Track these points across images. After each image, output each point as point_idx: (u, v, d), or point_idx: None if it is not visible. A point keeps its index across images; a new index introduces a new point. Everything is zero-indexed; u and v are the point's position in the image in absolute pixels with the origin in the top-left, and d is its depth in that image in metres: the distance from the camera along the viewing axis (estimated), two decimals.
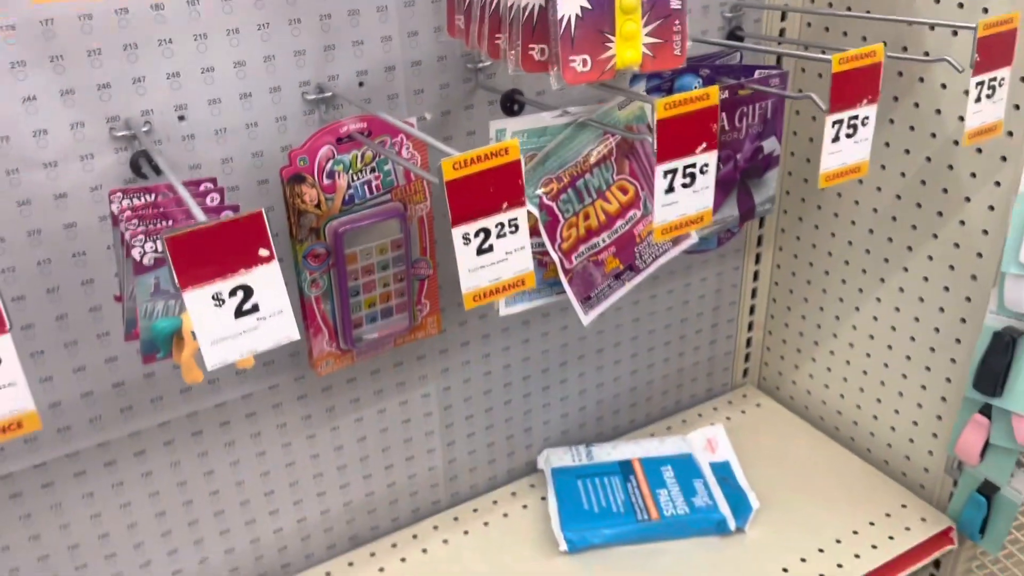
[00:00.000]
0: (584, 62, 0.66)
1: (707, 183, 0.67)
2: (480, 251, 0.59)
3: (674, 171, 0.65)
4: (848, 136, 0.73)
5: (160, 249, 0.51)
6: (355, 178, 0.80)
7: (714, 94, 0.64)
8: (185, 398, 0.89)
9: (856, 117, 0.73)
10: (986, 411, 0.96)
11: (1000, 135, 0.84)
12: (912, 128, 1.00)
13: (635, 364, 1.22)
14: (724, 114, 0.84)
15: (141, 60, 0.74)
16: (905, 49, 0.97)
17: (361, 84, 0.85)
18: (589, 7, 0.64)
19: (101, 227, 0.77)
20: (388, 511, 1.10)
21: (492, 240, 0.59)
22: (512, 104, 0.87)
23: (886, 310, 1.11)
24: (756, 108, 0.86)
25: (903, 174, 1.03)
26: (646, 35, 0.67)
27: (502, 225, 0.59)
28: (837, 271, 1.16)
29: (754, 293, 1.28)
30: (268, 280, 0.51)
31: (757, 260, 1.26)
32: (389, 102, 0.88)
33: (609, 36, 0.66)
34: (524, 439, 1.17)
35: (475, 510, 1.13)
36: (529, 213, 0.78)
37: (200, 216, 0.50)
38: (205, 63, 0.77)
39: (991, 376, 0.92)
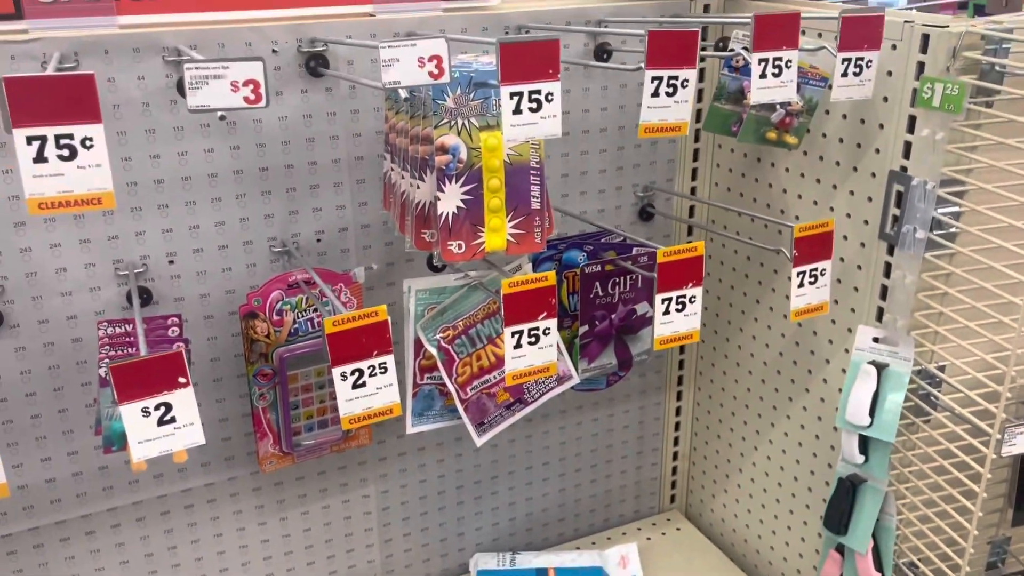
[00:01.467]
0: (460, 246, 0.86)
1: (550, 342, 0.87)
2: (355, 386, 0.79)
3: (520, 332, 0.85)
4: (678, 311, 0.92)
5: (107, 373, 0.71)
6: (300, 316, 1.01)
7: (551, 277, 0.84)
8: (157, 482, 1.09)
9: (684, 296, 0.91)
10: (840, 548, 1.10)
11: (826, 311, 1.02)
12: (786, 297, 1.18)
13: (563, 483, 1.38)
14: (598, 283, 1.04)
15: (144, 219, 0.98)
16: (780, 232, 1.16)
17: (319, 240, 1.08)
18: (464, 207, 0.86)
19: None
20: None
21: (365, 378, 0.79)
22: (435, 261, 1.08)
23: (776, 451, 1.26)
24: (628, 278, 1.05)
25: (783, 335, 1.20)
26: (511, 227, 0.88)
27: (373, 367, 0.79)
28: (740, 414, 1.32)
29: (678, 426, 1.44)
30: (184, 400, 0.72)
31: (679, 397, 1.42)
32: (342, 255, 1.10)
33: (480, 228, 0.87)
34: (457, 542, 1.34)
35: None
36: (429, 352, 0.98)
37: (143, 351, 0.72)
38: (193, 222, 1.00)
39: (837, 517, 1.06)
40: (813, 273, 0.98)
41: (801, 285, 0.97)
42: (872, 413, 0.99)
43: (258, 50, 0.97)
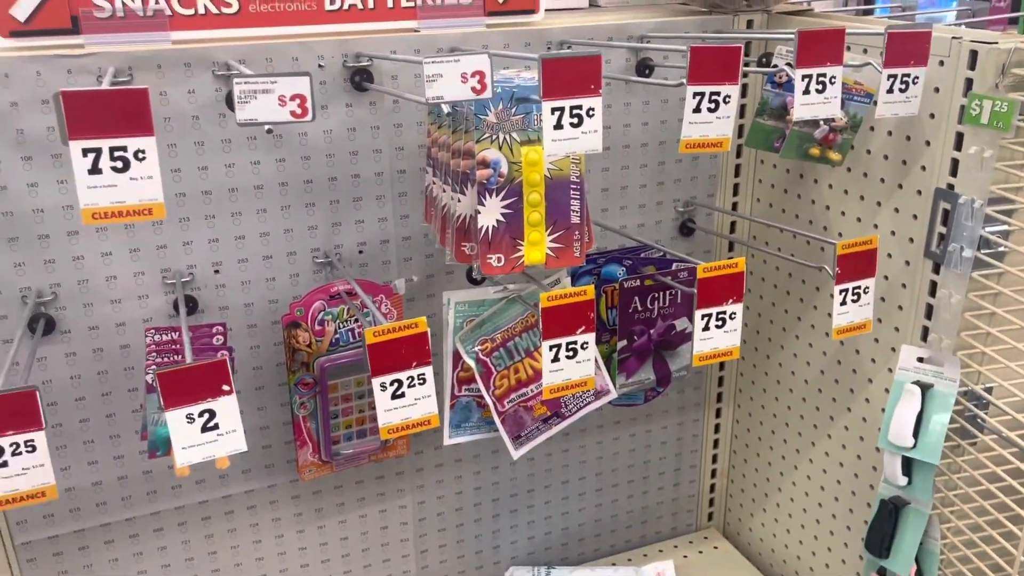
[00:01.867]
0: (499, 259, 0.87)
1: (588, 356, 0.87)
2: (394, 396, 0.80)
3: (558, 346, 0.85)
4: (718, 327, 0.91)
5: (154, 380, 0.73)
6: (341, 326, 1.03)
7: (590, 291, 0.84)
8: (199, 488, 1.11)
9: (724, 312, 0.91)
10: (882, 572, 1.08)
11: (869, 330, 1.01)
12: (828, 315, 1.16)
13: (599, 498, 1.38)
14: (637, 298, 1.04)
15: (191, 229, 1.00)
16: (823, 249, 1.15)
17: (361, 252, 1.09)
18: (504, 220, 0.86)
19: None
20: None
21: (404, 389, 0.80)
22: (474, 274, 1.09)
23: (816, 471, 1.24)
24: (667, 294, 1.05)
25: (824, 353, 1.19)
26: (550, 241, 0.88)
27: (412, 378, 0.80)
28: (780, 432, 1.31)
29: (717, 444, 1.43)
30: (227, 407, 0.73)
31: (718, 414, 1.41)
32: (383, 267, 1.11)
33: (519, 242, 0.87)
34: (492, 555, 1.34)
35: None
36: (467, 364, 0.99)
37: (189, 358, 0.73)
38: (238, 232, 1.02)
39: (879, 540, 1.04)
40: (856, 291, 0.96)
41: (844, 303, 0.96)
42: (916, 434, 0.97)
43: (304, 65, 0.99)
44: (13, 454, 0.67)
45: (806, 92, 0.84)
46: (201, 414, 0.72)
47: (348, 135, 1.04)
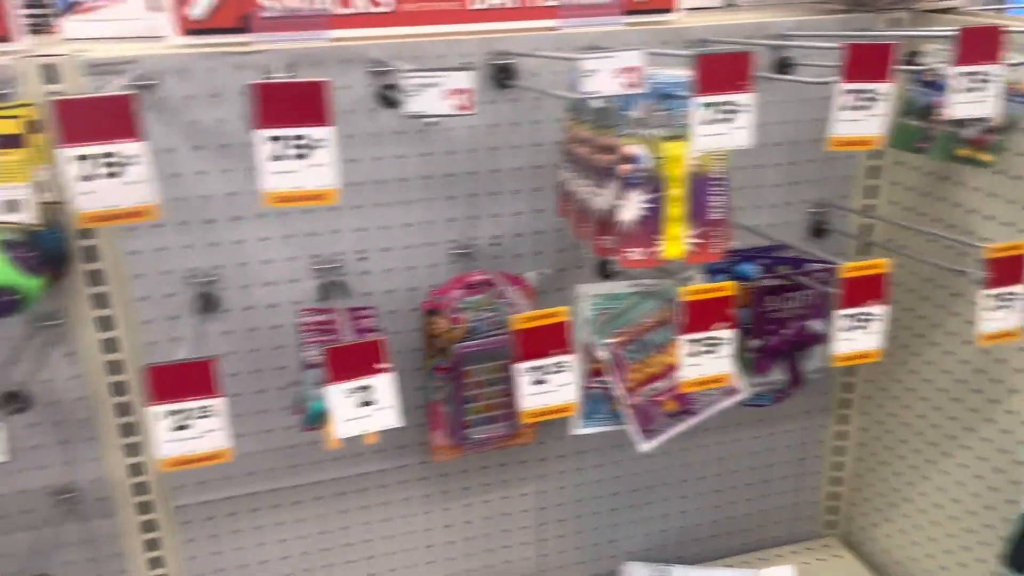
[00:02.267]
0: (638, 253, 0.89)
1: (726, 352, 0.87)
2: (536, 382, 0.83)
3: (697, 340, 0.86)
4: (860, 328, 0.90)
5: (320, 355, 0.78)
6: (477, 315, 1.06)
7: (729, 287, 0.85)
8: (337, 465, 1.17)
9: (865, 313, 0.90)
10: None
11: (1019, 338, 0.97)
12: (968, 322, 1.13)
13: (718, 499, 1.37)
14: (772, 297, 1.03)
15: (340, 218, 1.06)
16: (964, 254, 1.11)
17: (496, 244, 1.13)
18: (644, 215, 0.88)
19: (296, 331, 1.08)
20: None
21: (544, 375, 0.83)
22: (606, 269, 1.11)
23: (951, 483, 1.20)
24: (801, 294, 1.04)
25: (964, 361, 1.15)
26: (689, 237, 0.89)
27: (553, 365, 0.83)
28: (911, 441, 1.27)
29: (843, 451, 1.40)
30: (383, 384, 0.77)
31: (846, 421, 1.38)
32: (516, 259, 1.14)
33: (659, 236, 0.88)
34: (609, 549, 1.35)
35: None
36: (599, 356, 1.01)
37: (349, 337, 0.78)
38: (383, 223, 1.07)
39: (1020, 555, 1.01)
40: (1006, 297, 0.93)
41: (993, 309, 0.93)
42: None
43: (449, 62, 1.02)
44: (198, 417, 0.73)
45: (962, 91, 0.83)
46: (360, 389, 0.77)
47: (489, 131, 1.07)
